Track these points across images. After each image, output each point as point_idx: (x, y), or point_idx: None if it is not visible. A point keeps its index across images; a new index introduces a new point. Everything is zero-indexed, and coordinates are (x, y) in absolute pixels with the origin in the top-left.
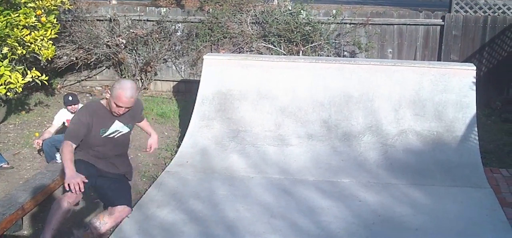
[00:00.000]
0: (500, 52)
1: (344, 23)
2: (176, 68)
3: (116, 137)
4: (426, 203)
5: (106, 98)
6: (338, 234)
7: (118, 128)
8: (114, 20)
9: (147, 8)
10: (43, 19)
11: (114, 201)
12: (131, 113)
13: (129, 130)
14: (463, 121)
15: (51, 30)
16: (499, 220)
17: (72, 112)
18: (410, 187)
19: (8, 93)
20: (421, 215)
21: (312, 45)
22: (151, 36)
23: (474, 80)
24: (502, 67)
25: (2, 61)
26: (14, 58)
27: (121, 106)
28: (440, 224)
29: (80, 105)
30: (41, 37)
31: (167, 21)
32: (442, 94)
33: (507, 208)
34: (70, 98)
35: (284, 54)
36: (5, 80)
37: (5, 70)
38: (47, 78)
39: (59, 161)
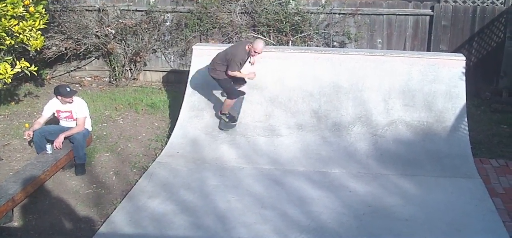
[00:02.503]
0: (489, 43)
1: (333, 13)
2: (165, 59)
3: None
4: (416, 193)
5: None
6: (329, 225)
7: None
8: (103, 10)
9: None
10: (32, 9)
11: None
12: None
13: None
14: (453, 111)
15: (40, 20)
16: (489, 210)
17: (68, 103)
18: (400, 177)
19: None
20: (411, 205)
21: (301, 35)
22: (140, 26)
23: (464, 70)
24: (491, 57)
25: None
26: (2, 48)
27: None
28: (430, 214)
29: (76, 97)
30: (30, 28)
31: (156, 11)
32: (432, 85)
33: (496, 198)
34: (68, 89)
35: (274, 45)
36: None
37: None
38: (36, 68)
39: (49, 152)
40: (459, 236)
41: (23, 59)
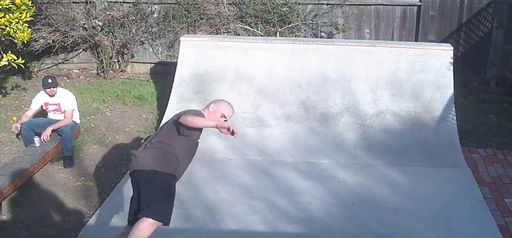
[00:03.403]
0: (477, 33)
1: (321, 3)
2: (153, 50)
3: None
4: (404, 183)
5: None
6: (317, 215)
7: None
8: (90, 2)
9: None
10: (18, 1)
11: None
12: None
13: None
14: (441, 101)
15: (26, 13)
16: (477, 199)
17: (50, 96)
18: (389, 167)
19: None
20: (399, 195)
21: (289, 26)
22: (127, 18)
23: (452, 60)
24: (479, 47)
25: None
26: None
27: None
28: (418, 204)
29: (59, 88)
30: (16, 20)
31: (143, 2)
32: (420, 75)
33: (484, 187)
34: (50, 80)
35: (261, 35)
36: None
37: None
38: (23, 61)
39: (37, 144)
40: (447, 225)
41: (10, 52)
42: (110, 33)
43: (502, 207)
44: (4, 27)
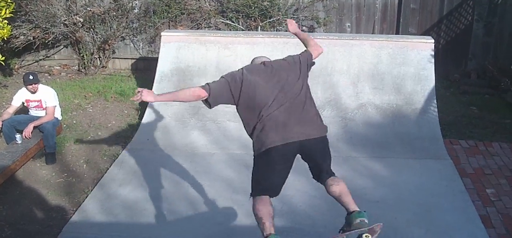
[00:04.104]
0: (458, 25)
1: None
2: (134, 46)
3: None
4: (386, 175)
5: None
6: (300, 208)
7: None
8: None
9: None
10: None
11: None
12: None
13: None
14: (422, 94)
15: (6, 9)
16: (459, 191)
17: (32, 92)
18: (371, 159)
19: None
20: (382, 187)
21: (270, 20)
22: (108, 14)
23: (433, 53)
24: (460, 39)
25: None
26: None
27: None
28: (400, 195)
29: (40, 84)
30: None
31: None
32: (401, 67)
33: (466, 179)
34: (31, 77)
35: (243, 30)
36: None
37: None
38: (4, 58)
39: (19, 141)
40: (429, 216)
41: None
42: (91, 29)
43: (483, 197)
44: None
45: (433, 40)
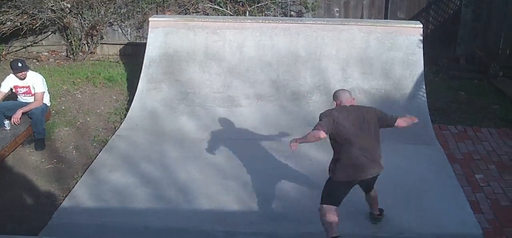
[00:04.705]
0: (447, 10)
1: None
2: (122, 32)
3: None
4: None
5: None
6: (290, 194)
7: None
8: None
9: None
10: None
11: None
12: None
13: None
14: (411, 79)
15: None
16: (448, 176)
17: (21, 79)
18: None
19: None
20: None
21: (258, 5)
22: None
23: (421, 38)
24: (448, 24)
25: None
26: None
27: None
28: (390, 181)
29: (29, 71)
30: None
31: None
32: (389, 53)
33: (455, 164)
34: (20, 64)
35: (231, 15)
36: None
37: None
38: None
39: (7, 128)
40: (419, 201)
41: None
42: (79, 15)
43: (472, 183)
44: None
45: (421, 25)
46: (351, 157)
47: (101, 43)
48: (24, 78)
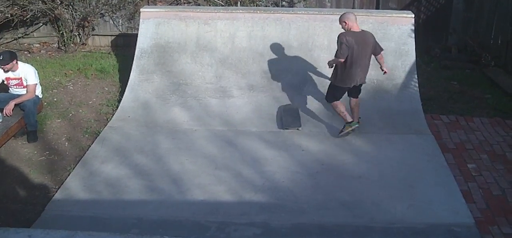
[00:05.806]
0: (439, 0)
1: None
2: (113, 23)
3: None
4: (368, 150)
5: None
6: (283, 184)
7: None
8: None
9: None
10: None
11: None
12: None
13: None
14: (403, 69)
15: None
16: (440, 165)
17: (5, 71)
18: (352, 135)
19: None
20: (363, 162)
21: None
22: None
23: (413, 28)
24: (440, 14)
25: None
26: None
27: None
28: (382, 171)
29: (20, 62)
30: None
31: None
32: (381, 43)
33: (448, 154)
34: (1, 57)
35: (222, 5)
36: None
37: None
38: None
39: None
40: (412, 191)
41: None
42: (70, 6)
43: (465, 172)
44: None
45: (413, 15)
46: (351, 73)
47: (92, 35)
48: (9, 71)
